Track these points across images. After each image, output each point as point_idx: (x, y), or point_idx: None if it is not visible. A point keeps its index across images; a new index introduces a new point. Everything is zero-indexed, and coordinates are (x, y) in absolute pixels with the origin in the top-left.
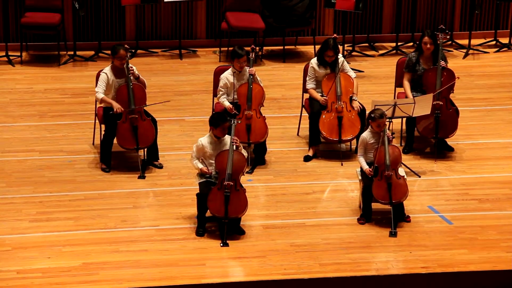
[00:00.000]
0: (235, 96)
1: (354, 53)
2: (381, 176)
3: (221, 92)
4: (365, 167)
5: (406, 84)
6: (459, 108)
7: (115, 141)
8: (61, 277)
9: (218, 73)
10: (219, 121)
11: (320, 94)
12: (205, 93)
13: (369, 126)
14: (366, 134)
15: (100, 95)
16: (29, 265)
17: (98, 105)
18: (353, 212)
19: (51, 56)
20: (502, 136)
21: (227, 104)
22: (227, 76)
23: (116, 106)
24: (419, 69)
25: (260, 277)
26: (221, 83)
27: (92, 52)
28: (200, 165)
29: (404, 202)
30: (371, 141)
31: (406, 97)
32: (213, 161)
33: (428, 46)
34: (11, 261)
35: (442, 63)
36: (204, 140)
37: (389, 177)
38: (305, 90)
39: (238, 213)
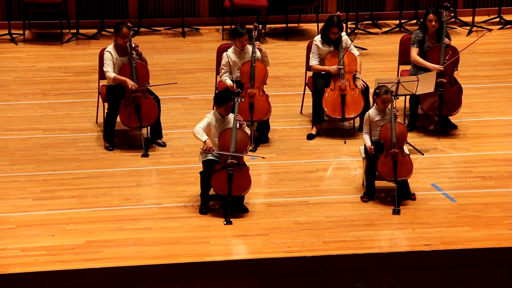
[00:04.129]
0: (238, 74)
1: (358, 31)
2: (386, 153)
3: (223, 71)
4: (368, 144)
5: (418, 57)
6: (462, 86)
7: (118, 119)
8: (65, 254)
9: (221, 51)
10: (223, 100)
11: (323, 73)
12: (208, 71)
13: (375, 103)
14: (371, 112)
15: (112, 74)
16: (33, 243)
17: (101, 83)
18: (356, 190)
19: (54, 34)
20: (506, 113)
21: (229, 82)
22: (229, 54)
23: (131, 83)
24: (424, 46)
25: (263, 254)
26: (223, 62)
27: (95, 30)
28: (205, 137)
29: (408, 180)
30: (376, 119)
31: (414, 68)
32: (217, 139)
33: (433, 23)
34: (15, 239)
35: (446, 40)
36: (211, 116)
37: (395, 155)
38: (308, 68)
39: (241, 191)
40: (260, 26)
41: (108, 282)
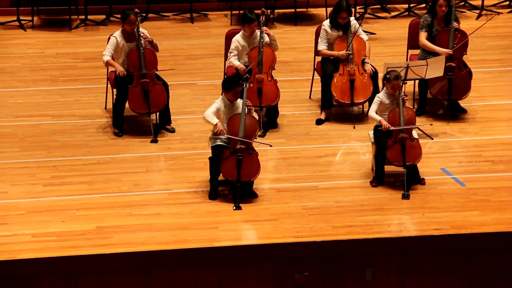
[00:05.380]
0: (246, 60)
1: (366, 15)
2: (395, 138)
3: (232, 54)
4: (379, 118)
5: (427, 42)
6: (472, 70)
7: (127, 105)
8: (75, 240)
9: (229, 37)
10: (232, 85)
11: (332, 58)
12: (216, 56)
13: (384, 87)
14: (381, 95)
15: (106, 58)
16: (43, 228)
17: (110, 69)
18: (365, 175)
19: (63, 21)
20: None
21: (237, 63)
22: (239, 39)
23: (119, 69)
24: (432, 30)
25: (273, 240)
26: (232, 46)
27: (103, 16)
28: (216, 120)
29: (418, 165)
30: (386, 102)
31: (425, 52)
32: (226, 124)
33: (443, 8)
34: (25, 225)
35: (455, 24)
36: (219, 101)
37: (404, 140)
38: (316, 53)
39: (250, 177)
40: (268, 11)
41: (118, 268)
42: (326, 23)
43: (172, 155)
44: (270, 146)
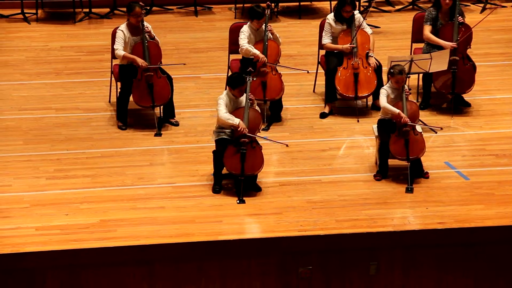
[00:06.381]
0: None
1: (370, 9)
2: (398, 132)
3: (245, 41)
4: (397, 111)
5: (431, 35)
6: (476, 63)
7: (131, 98)
8: (79, 233)
9: (233, 30)
10: (238, 83)
11: (336, 52)
12: (220, 50)
13: (388, 81)
14: (386, 88)
15: (121, 52)
16: (47, 222)
17: (114, 63)
18: (369, 169)
19: (67, 14)
20: None
21: (255, 50)
22: (248, 29)
23: (140, 61)
24: (437, 24)
25: (276, 233)
26: (242, 35)
27: (108, 10)
28: (237, 120)
29: (421, 158)
30: (391, 96)
31: (428, 46)
32: None
33: (447, 1)
34: (29, 218)
35: (459, 18)
36: (225, 97)
37: (407, 133)
38: (321, 47)
39: (254, 170)
40: (273, 4)
41: (122, 261)
42: (330, 17)
43: (176, 148)
44: (287, 145)
